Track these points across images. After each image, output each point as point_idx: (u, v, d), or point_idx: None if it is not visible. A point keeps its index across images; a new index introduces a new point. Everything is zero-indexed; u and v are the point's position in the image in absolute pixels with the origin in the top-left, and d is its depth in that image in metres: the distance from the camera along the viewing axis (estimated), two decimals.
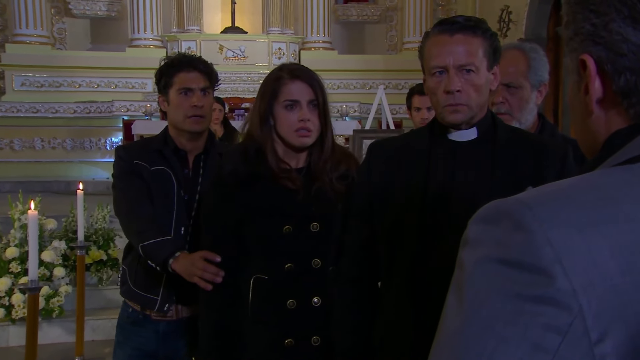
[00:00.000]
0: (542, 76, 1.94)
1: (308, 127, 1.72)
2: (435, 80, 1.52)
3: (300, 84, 1.73)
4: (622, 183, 0.56)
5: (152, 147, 2.10)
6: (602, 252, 0.51)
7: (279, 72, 1.76)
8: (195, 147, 2.10)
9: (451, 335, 0.55)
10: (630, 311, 0.50)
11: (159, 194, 2.03)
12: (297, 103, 1.72)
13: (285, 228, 1.72)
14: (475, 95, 1.50)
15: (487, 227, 0.56)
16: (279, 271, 1.73)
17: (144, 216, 1.98)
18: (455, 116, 1.52)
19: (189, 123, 2.04)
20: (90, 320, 4.10)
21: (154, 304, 2.06)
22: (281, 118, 1.74)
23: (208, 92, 2.08)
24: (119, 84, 9.19)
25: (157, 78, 2.11)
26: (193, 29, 9.39)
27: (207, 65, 2.11)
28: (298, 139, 1.74)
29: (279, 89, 1.73)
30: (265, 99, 1.75)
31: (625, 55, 0.59)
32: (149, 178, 2.03)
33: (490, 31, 1.54)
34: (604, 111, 0.63)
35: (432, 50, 1.53)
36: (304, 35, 9.61)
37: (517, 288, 0.52)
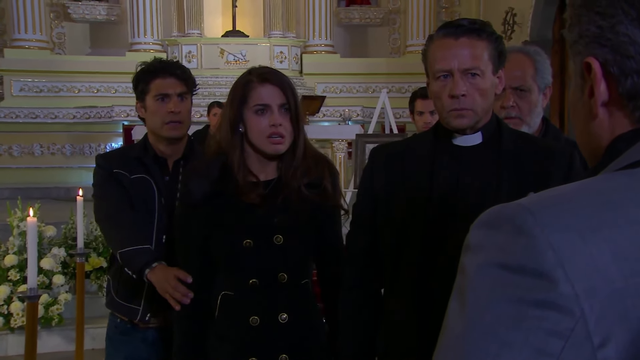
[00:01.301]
0: (548, 79, 1.94)
1: (280, 133, 1.66)
2: (440, 84, 1.50)
3: (271, 87, 1.67)
4: (624, 187, 0.56)
5: (132, 154, 2.09)
6: (604, 256, 0.51)
7: (248, 76, 1.70)
8: (175, 153, 2.09)
9: (454, 340, 0.55)
10: (632, 315, 0.50)
11: (139, 203, 2.02)
12: (268, 107, 1.66)
13: (245, 242, 1.68)
14: (480, 99, 1.48)
15: (488, 232, 0.56)
16: (243, 287, 1.69)
17: (123, 223, 1.99)
18: (460, 121, 1.49)
19: (167, 129, 2.03)
20: (90, 329, 4.04)
21: (136, 314, 2.04)
22: (252, 124, 1.67)
23: (185, 98, 2.06)
24: (118, 89, 9.13)
25: (134, 84, 2.10)
26: (194, 33, 9.34)
27: (184, 70, 2.10)
28: (271, 146, 1.67)
29: (249, 94, 1.67)
30: (234, 104, 1.69)
31: (632, 58, 0.59)
32: (129, 186, 2.02)
33: (495, 34, 1.51)
34: (608, 114, 0.62)
35: (437, 53, 1.50)
36: (306, 38, 9.56)
37: (519, 293, 0.52)
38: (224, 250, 1.71)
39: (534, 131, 1.93)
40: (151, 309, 2.03)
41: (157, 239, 2.00)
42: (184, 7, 9.36)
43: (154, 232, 2.00)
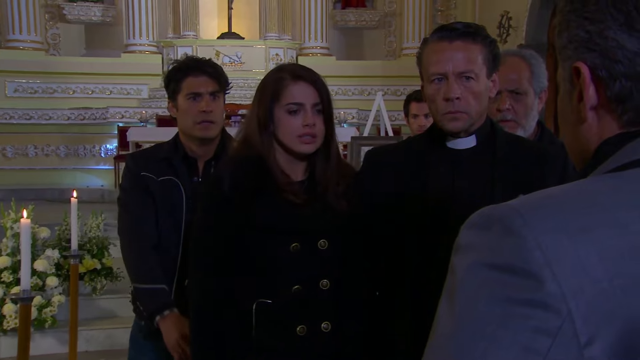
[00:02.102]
0: (543, 83, 1.93)
1: (313, 133, 1.58)
2: (434, 87, 1.50)
3: (304, 85, 1.59)
4: (611, 190, 0.57)
5: (161, 155, 2.04)
6: (591, 257, 0.52)
7: (280, 73, 1.62)
8: (207, 153, 2.04)
9: (443, 338, 0.56)
10: (618, 314, 0.51)
11: (165, 206, 1.98)
12: (301, 107, 1.58)
13: (292, 246, 1.58)
14: (474, 102, 1.49)
15: (478, 233, 0.57)
16: (285, 294, 1.57)
17: (142, 245, 1.97)
18: (454, 124, 1.50)
19: (199, 129, 1.98)
20: (84, 331, 4.02)
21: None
22: (283, 123, 1.59)
23: (218, 97, 2.01)
24: (113, 90, 9.11)
25: (165, 83, 2.06)
26: (189, 35, 9.33)
27: (216, 68, 2.04)
28: (301, 146, 1.60)
29: (281, 91, 1.59)
30: (264, 102, 1.61)
31: (621, 62, 0.60)
32: (156, 190, 1.98)
33: (490, 38, 1.52)
34: (597, 118, 0.64)
35: (431, 56, 1.51)
36: (302, 40, 9.57)
37: (507, 292, 0.53)
38: (267, 254, 1.59)
39: (529, 135, 1.93)
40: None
41: (184, 242, 1.94)
42: (180, 8, 9.34)
43: (181, 236, 1.95)
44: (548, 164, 1.53)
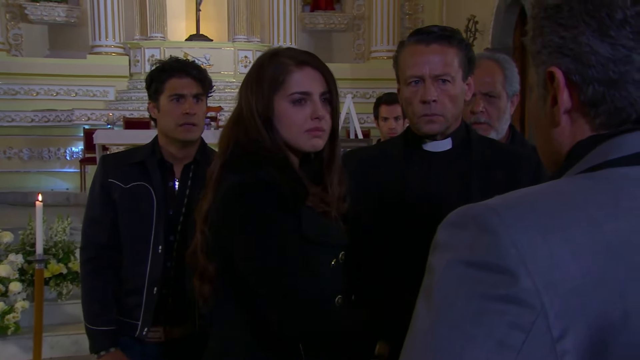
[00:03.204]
0: (516, 87, 1.97)
1: (322, 127, 1.35)
2: (411, 90, 1.51)
3: (311, 71, 1.35)
4: (584, 190, 0.59)
5: (136, 158, 2.00)
6: (564, 254, 0.54)
7: (279, 58, 1.36)
8: (186, 156, 2.00)
9: (421, 335, 0.57)
10: (589, 310, 0.53)
11: (133, 214, 1.94)
12: (308, 96, 1.34)
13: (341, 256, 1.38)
14: (450, 105, 1.50)
15: (455, 231, 0.58)
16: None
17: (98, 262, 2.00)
18: (431, 126, 1.51)
19: (180, 131, 1.94)
20: (49, 337, 3.94)
21: (135, 329, 1.97)
22: (287, 115, 1.34)
23: (201, 99, 1.98)
24: (79, 92, 8.96)
25: (147, 83, 2.01)
26: (157, 36, 9.23)
27: (200, 70, 2.01)
28: (309, 141, 1.34)
29: (283, 79, 1.33)
30: (262, 92, 1.34)
31: (594, 67, 0.62)
32: (120, 198, 1.95)
33: (465, 42, 1.54)
34: (570, 122, 0.65)
35: (408, 59, 1.51)
36: (271, 43, 9.54)
37: (483, 288, 0.54)
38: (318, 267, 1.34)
39: (502, 137, 1.96)
40: (149, 324, 1.96)
41: (154, 250, 1.93)
42: (147, 10, 9.24)
43: (151, 244, 1.93)
44: (521, 166, 1.55)
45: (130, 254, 1.96)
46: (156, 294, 1.92)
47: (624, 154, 0.61)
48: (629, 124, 0.63)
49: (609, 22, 0.61)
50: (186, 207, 1.94)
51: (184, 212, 1.95)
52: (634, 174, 0.60)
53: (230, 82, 9.21)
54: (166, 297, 1.93)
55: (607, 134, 0.63)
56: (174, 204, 1.97)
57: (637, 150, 0.61)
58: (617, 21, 0.60)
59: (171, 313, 1.95)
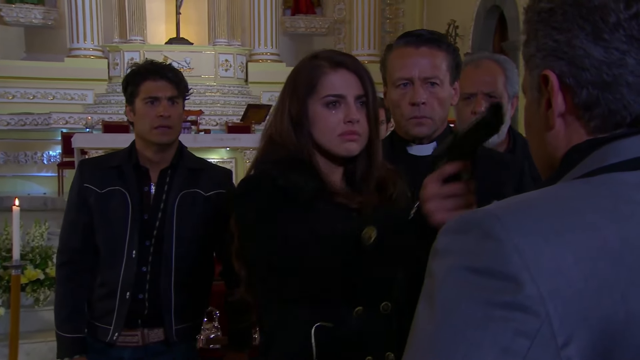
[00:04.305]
0: (516, 88, 1.96)
1: (356, 130, 1.31)
2: (400, 92, 1.50)
3: (346, 73, 1.33)
4: (582, 195, 0.59)
5: (112, 163, 2.00)
6: (567, 259, 0.54)
7: (316, 61, 1.35)
8: (163, 160, 1.99)
9: (423, 341, 0.57)
10: (593, 315, 0.53)
11: (107, 218, 1.94)
12: (342, 99, 1.32)
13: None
14: (439, 108, 1.50)
15: (456, 237, 0.58)
16: (347, 316, 1.28)
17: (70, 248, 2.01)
18: (420, 129, 1.51)
19: (155, 134, 1.93)
20: (25, 344, 3.87)
21: (107, 333, 1.95)
22: (320, 119, 1.32)
23: (176, 102, 1.97)
24: (57, 95, 8.84)
25: (123, 86, 2.01)
26: (136, 40, 9.14)
27: (176, 73, 2.01)
28: (343, 146, 1.32)
29: (318, 81, 1.32)
30: (297, 94, 1.33)
31: (588, 70, 0.62)
32: (95, 203, 1.95)
33: (453, 46, 1.54)
34: (564, 125, 0.65)
35: (397, 62, 1.51)
36: (251, 47, 9.53)
37: (486, 295, 0.54)
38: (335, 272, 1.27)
39: (502, 139, 1.95)
40: (121, 329, 1.95)
41: (128, 254, 1.92)
42: (126, 13, 9.16)
43: (125, 248, 1.92)
44: (506, 170, 1.55)
45: (105, 258, 1.96)
46: (129, 299, 1.91)
47: (621, 159, 0.61)
48: (624, 127, 0.63)
49: (602, 26, 0.61)
50: (162, 212, 1.94)
51: (160, 217, 1.95)
52: (632, 179, 0.60)
53: (211, 86, 9.16)
54: (142, 302, 1.92)
55: (604, 139, 0.63)
56: (150, 209, 1.96)
57: (635, 155, 0.61)
58: (611, 24, 0.61)
59: (148, 317, 1.94)
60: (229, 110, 8.87)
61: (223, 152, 6.46)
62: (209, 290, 2.10)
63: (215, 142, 6.50)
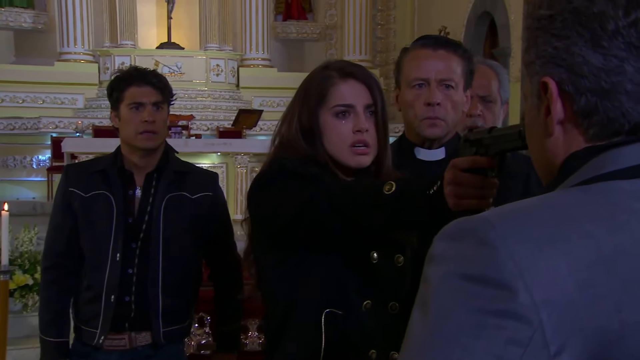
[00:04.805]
0: (507, 94, 1.99)
1: (366, 141, 1.33)
2: (415, 92, 1.51)
3: (355, 84, 1.35)
4: (579, 202, 0.59)
5: (98, 167, 2.02)
6: (561, 268, 0.54)
7: (326, 71, 1.38)
8: (149, 165, 2.01)
9: (417, 348, 0.57)
10: (586, 325, 0.53)
11: (92, 222, 1.96)
12: (352, 109, 1.34)
13: (372, 253, 1.34)
14: (452, 112, 1.51)
15: (452, 244, 0.58)
16: (357, 308, 1.31)
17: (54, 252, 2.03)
18: (433, 130, 1.51)
19: (140, 139, 1.96)
20: (13, 350, 3.84)
21: (93, 337, 1.96)
22: (330, 129, 1.34)
23: (161, 107, 2.00)
24: (46, 100, 8.78)
25: (108, 92, 2.05)
26: (127, 44, 9.11)
27: (160, 79, 2.04)
28: (354, 157, 1.34)
29: (327, 91, 1.34)
30: (308, 103, 1.36)
31: (586, 77, 0.62)
32: (80, 207, 1.97)
33: (469, 53, 1.56)
34: (563, 132, 0.65)
35: (413, 63, 1.53)
36: (243, 52, 9.52)
37: (480, 302, 0.54)
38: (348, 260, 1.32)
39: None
40: (107, 332, 1.96)
41: (112, 258, 1.93)
42: (117, 17, 9.12)
43: (110, 252, 1.93)
44: (512, 176, 1.55)
45: (90, 262, 1.98)
46: (114, 302, 1.92)
47: (619, 167, 0.61)
48: (622, 135, 0.63)
49: (601, 33, 0.61)
50: (149, 215, 1.96)
51: (147, 220, 1.96)
52: (630, 187, 0.60)
53: (202, 91, 9.14)
54: (129, 304, 1.93)
55: (602, 146, 0.63)
56: (135, 212, 1.98)
57: (633, 163, 0.61)
58: (610, 32, 0.61)
59: (135, 320, 1.95)
60: (220, 115, 8.85)
61: (214, 157, 6.44)
62: (197, 292, 2.10)
63: (206, 147, 6.49)
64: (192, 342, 2.83)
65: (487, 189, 1.02)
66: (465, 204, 1.01)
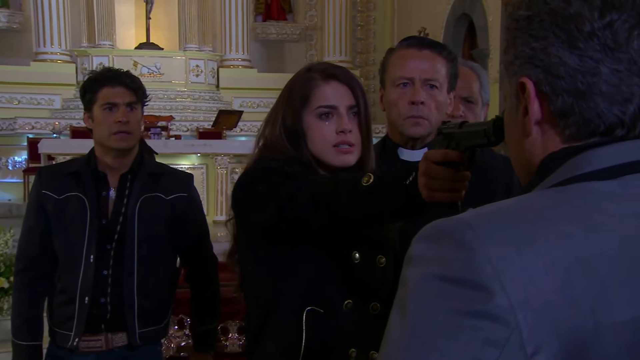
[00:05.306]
0: (489, 95, 2.01)
1: (349, 141, 1.35)
2: (399, 91, 1.53)
3: (338, 85, 1.37)
4: (556, 204, 0.60)
5: (71, 169, 2.01)
6: (538, 269, 0.54)
7: (308, 73, 1.40)
8: (123, 166, 2.00)
9: (395, 349, 0.57)
10: (562, 325, 0.53)
11: (65, 224, 1.95)
12: (335, 110, 1.36)
13: (354, 253, 1.35)
14: (436, 112, 1.52)
15: (429, 245, 0.58)
16: (338, 307, 1.33)
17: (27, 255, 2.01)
18: (416, 129, 1.52)
19: (114, 140, 1.95)
20: None
21: (67, 340, 1.94)
22: (314, 130, 1.36)
23: (135, 108, 1.99)
24: (22, 100, 8.66)
25: (81, 94, 2.03)
26: (105, 44, 9.03)
27: (133, 79, 2.02)
28: (338, 157, 1.35)
29: (310, 93, 1.36)
30: (292, 105, 1.37)
31: (563, 78, 0.62)
32: (53, 210, 1.96)
33: (453, 55, 1.57)
34: (541, 132, 0.66)
35: (398, 62, 1.54)
36: (222, 52, 9.48)
37: (458, 304, 0.54)
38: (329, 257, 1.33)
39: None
40: (81, 334, 1.94)
41: (86, 259, 1.92)
42: (95, 17, 9.03)
43: (83, 253, 1.92)
44: (495, 177, 1.56)
45: (63, 264, 1.97)
46: (87, 304, 1.91)
47: (595, 168, 0.62)
48: (598, 136, 0.63)
49: (577, 34, 0.62)
50: (123, 216, 1.96)
51: (122, 221, 1.96)
52: (605, 189, 0.60)
53: (182, 92, 9.09)
54: (105, 306, 1.92)
55: (579, 147, 0.63)
56: (109, 214, 1.97)
57: (609, 164, 0.62)
58: (585, 33, 0.61)
59: (111, 321, 1.94)
60: (200, 116, 8.81)
61: (194, 158, 6.40)
62: (173, 293, 2.10)
63: (186, 148, 6.44)
64: (171, 344, 2.80)
65: (459, 182, 1.04)
66: (438, 196, 1.03)
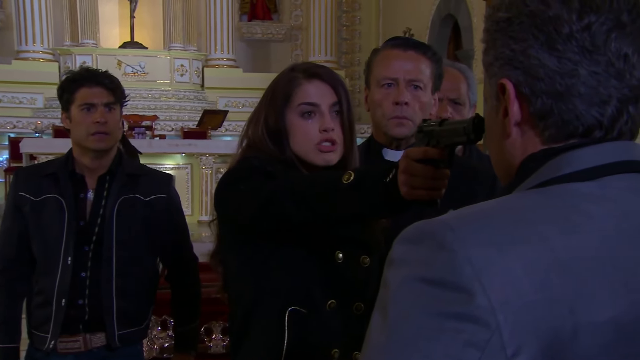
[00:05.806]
0: (476, 96, 2.01)
1: (332, 139, 1.35)
2: (383, 91, 1.53)
3: (320, 84, 1.37)
4: (536, 205, 0.60)
5: (48, 170, 1.99)
6: (517, 270, 0.54)
7: (291, 73, 1.40)
8: (100, 167, 1.98)
9: (376, 351, 0.57)
10: (541, 326, 0.53)
11: (42, 226, 1.93)
12: (317, 108, 1.36)
13: (337, 253, 1.34)
14: (420, 112, 1.52)
15: (410, 247, 0.58)
16: (321, 308, 1.32)
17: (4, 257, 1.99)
18: (400, 129, 1.52)
19: (92, 141, 1.93)
20: None
21: (44, 342, 1.92)
22: (297, 128, 1.36)
23: (113, 108, 1.97)
24: (4, 99, 8.56)
25: (59, 94, 2.00)
26: (88, 43, 8.95)
27: (112, 79, 2.00)
28: (320, 156, 1.35)
29: (293, 91, 1.36)
30: (274, 104, 1.37)
31: (542, 79, 0.63)
32: (30, 211, 1.94)
33: (438, 56, 1.58)
34: (521, 134, 0.66)
35: (383, 62, 1.55)
36: (207, 52, 9.44)
37: (439, 305, 0.54)
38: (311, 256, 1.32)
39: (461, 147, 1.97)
40: (58, 336, 1.92)
41: (64, 261, 1.90)
42: (78, 15, 8.95)
43: (61, 255, 1.90)
44: (477, 180, 1.56)
45: (41, 266, 1.95)
46: (64, 306, 1.89)
47: (575, 169, 0.62)
48: (577, 138, 0.64)
49: (556, 36, 0.62)
50: (102, 217, 1.94)
51: (100, 222, 1.94)
52: (585, 190, 0.61)
53: (166, 91, 9.03)
54: (83, 307, 1.91)
55: (558, 148, 0.64)
56: (87, 215, 1.96)
57: (588, 165, 0.62)
58: (564, 35, 0.62)
59: (89, 322, 1.93)
60: (184, 116, 8.76)
61: (178, 158, 6.37)
62: (153, 294, 2.08)
63: (170, 148, 6.41)
64: (154, 345, 2.78)
65: (439, 180, 1.04)
66: (417, 193, 1.03)
